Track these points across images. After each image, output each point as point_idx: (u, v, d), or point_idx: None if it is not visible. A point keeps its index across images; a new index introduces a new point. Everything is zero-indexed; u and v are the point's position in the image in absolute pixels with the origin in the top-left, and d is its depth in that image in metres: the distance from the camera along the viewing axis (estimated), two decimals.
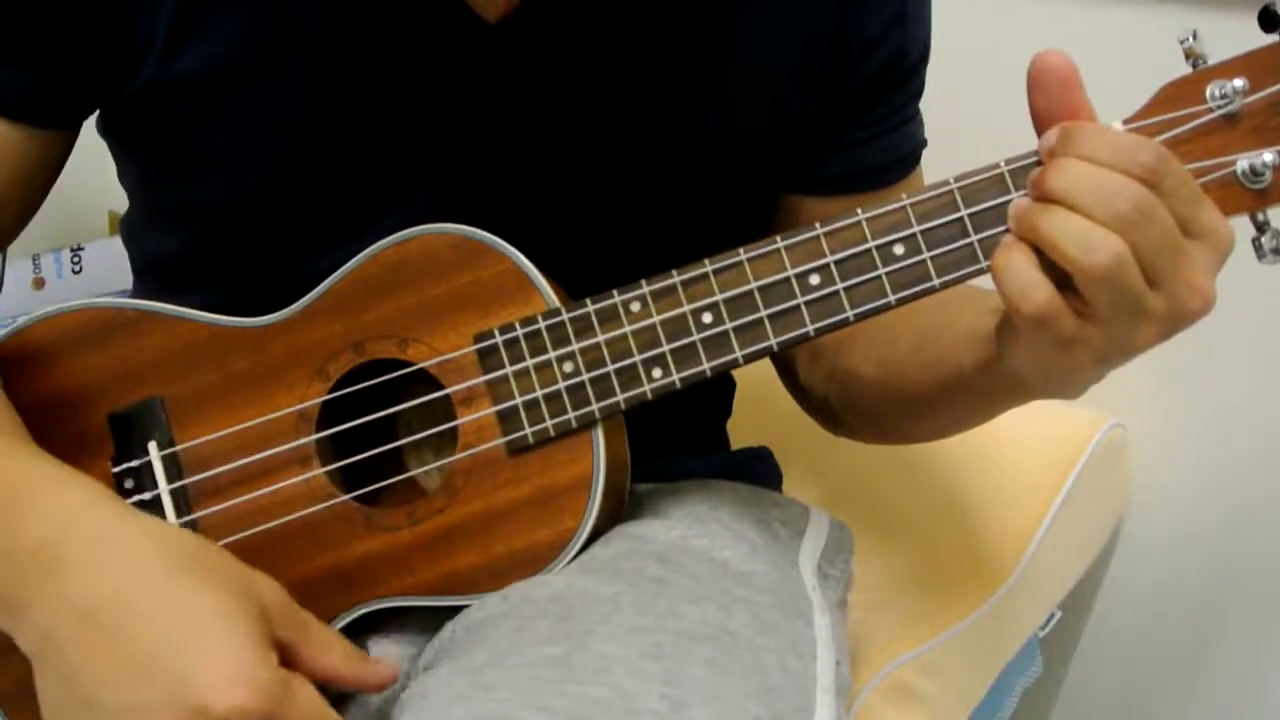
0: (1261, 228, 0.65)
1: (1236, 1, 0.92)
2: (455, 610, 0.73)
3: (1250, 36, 0.65)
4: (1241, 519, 1.13)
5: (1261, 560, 1.12)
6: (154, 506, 0.75)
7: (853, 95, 0.83)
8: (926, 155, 0.89)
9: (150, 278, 0.91)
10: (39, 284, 1.74)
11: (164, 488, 0.75)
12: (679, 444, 0.91)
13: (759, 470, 0.96)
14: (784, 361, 0.93)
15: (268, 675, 0.62)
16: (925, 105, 0.89)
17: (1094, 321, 0.62)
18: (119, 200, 0.88)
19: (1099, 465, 1.12)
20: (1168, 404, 1.14)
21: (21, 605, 0.64)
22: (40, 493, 0.67)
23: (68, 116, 0.80)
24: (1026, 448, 1.09)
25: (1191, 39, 0.65)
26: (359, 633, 0.77)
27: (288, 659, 0.66)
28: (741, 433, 1.02)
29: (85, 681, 0.62)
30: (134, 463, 0.76)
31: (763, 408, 1.07)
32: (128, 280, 0.93)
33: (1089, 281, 0.60)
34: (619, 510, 0.77)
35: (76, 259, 1.73)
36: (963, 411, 0.81)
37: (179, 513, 0.75)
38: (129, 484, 0.76)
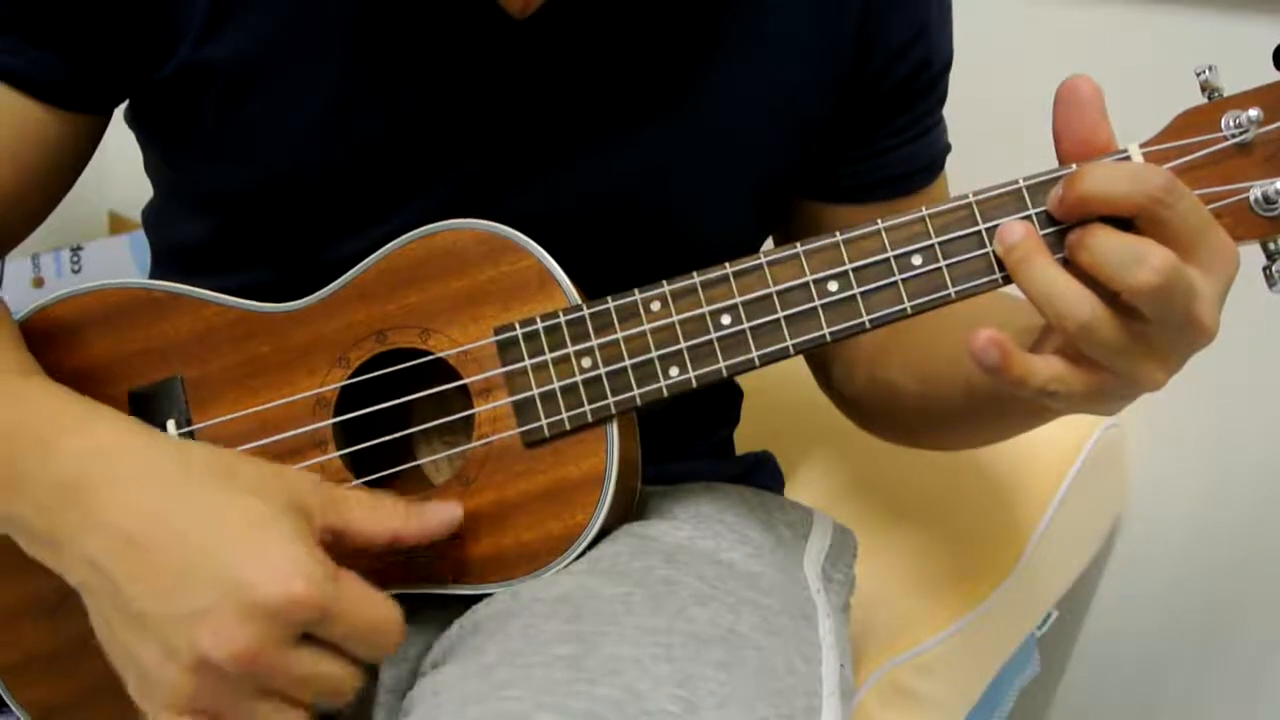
0: (1273, 257, 0.67)
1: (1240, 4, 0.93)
2: (462, 604, 0.74)
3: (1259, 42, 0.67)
4: (1238, 519, 1.13)
5: (1259, 560, 1.12)
6: None
7: (875, 105, 0.84)
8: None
9: (172, 264, 0.91)
10: (38, 283, 1.75)
11: None
12: (686, 449, 0.92)
13: (761, 475, 0.97)
14: (819, 363, 0.94)
15: (319, 568, 0.61)
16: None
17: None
18: (118, 200, 0.88)
19: (1096, 466, 1.12)
20: (1164, 405, 1.14)
21: (63, 540, 0.64)
22: (66, 431, 0.67)
23: (99, 101, 0.80)
24: (1024, 448, 1.08)
25: (1208, 72, 0.66)
26: None
27: (343, 542, 0.66)
28: (743, 435, 1.02)
29: (134, 598, 0.62)
30: None
31: (763, 411, 1.07)
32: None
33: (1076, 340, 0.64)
34: (629, 510, 0.77)
35: (76, 259, 1.73)
36: (1000, 426, 0.82)
37: None
38: None
